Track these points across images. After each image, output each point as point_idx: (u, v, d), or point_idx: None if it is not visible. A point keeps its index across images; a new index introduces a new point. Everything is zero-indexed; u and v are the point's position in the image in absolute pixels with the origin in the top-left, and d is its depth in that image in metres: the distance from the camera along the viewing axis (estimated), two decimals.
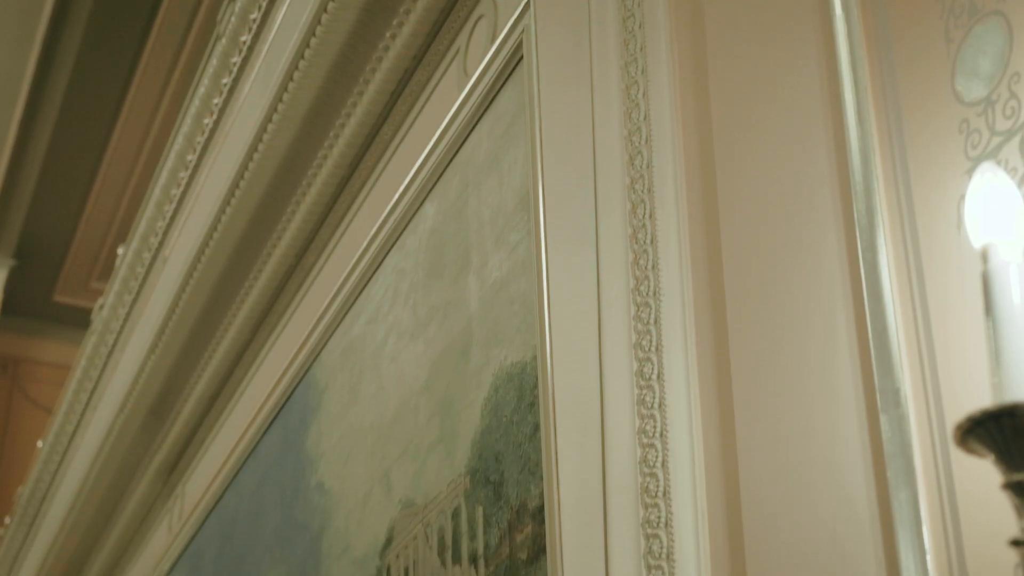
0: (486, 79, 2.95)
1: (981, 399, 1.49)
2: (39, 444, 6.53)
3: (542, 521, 2.35)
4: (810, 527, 1.92)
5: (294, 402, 3.86)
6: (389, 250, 3.36)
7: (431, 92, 3.30)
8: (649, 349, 2.22)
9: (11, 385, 10.22)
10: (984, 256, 1.47)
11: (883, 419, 1.82)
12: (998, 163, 1.69)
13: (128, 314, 5.16)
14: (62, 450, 6.08)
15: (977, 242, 1.49)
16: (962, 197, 1.74)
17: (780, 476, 2.00)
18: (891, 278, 1.86)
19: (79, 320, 7.88)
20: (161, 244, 4.80)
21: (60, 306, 10.09)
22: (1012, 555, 1.47)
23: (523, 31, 2.80)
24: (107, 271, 8.92)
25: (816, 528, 1.91)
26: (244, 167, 3.90)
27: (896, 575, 1.74)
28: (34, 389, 10.14)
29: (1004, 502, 1.45)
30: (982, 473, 1.56)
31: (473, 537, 2.62)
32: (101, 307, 5.54)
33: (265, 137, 3.77)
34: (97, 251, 9.68)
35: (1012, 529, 1.42)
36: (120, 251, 5.28)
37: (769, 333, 2.09)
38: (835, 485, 1.90)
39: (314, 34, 3.46)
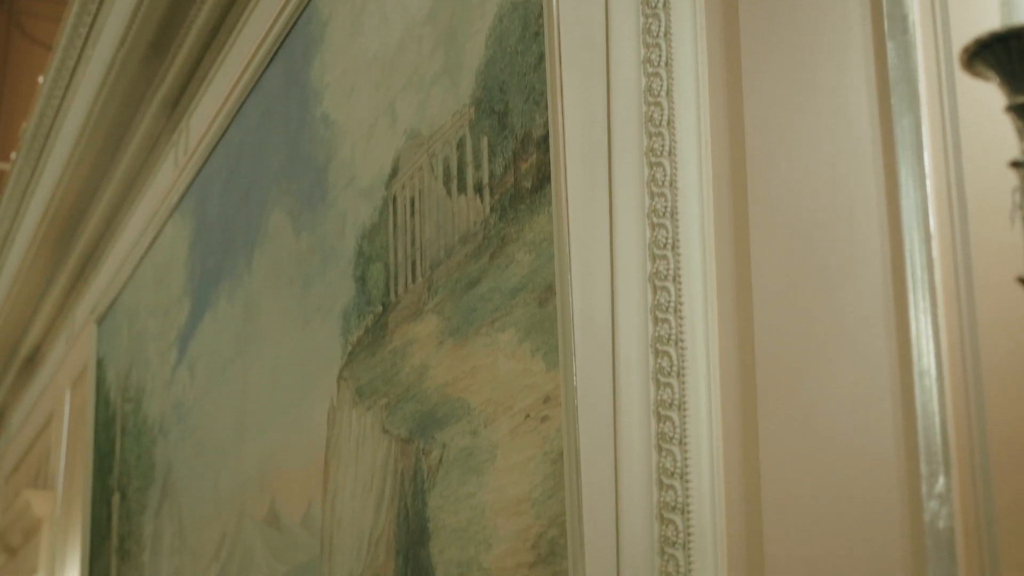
0: None
1: (989, 24, 1.48)
2: (40, 80, 6.51)
3: (547, 150, 2.37)
4: (812, 160, 1.94)
5: (296, 34, 3.83)
6: None
7: None
8: None
9: (7, 21, 10.11)
10: None
11: (890, 46, 1.81)
12: None
13: None
14: (64, 86, 6.06)
15: None
16: None
17: (784, 126, 2.01)
18: None
19: None
20: None
21: None
22: (1011, 178, 1.50)
23: None
24: None
25: (818, 159, 1.93)
26: None
27: (896, 201, 1.78)
28: (31, 24, 10.03)
29: (1006, 127, 1.46)
30: (985, 98, 1.58)
31: (478, 167, 2.65)
32: None
33: None
34: None
35: (1012, 152, 1.45)
36: None
37: None
38: (839, 119, 1.91)
39: None
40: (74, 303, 6.80)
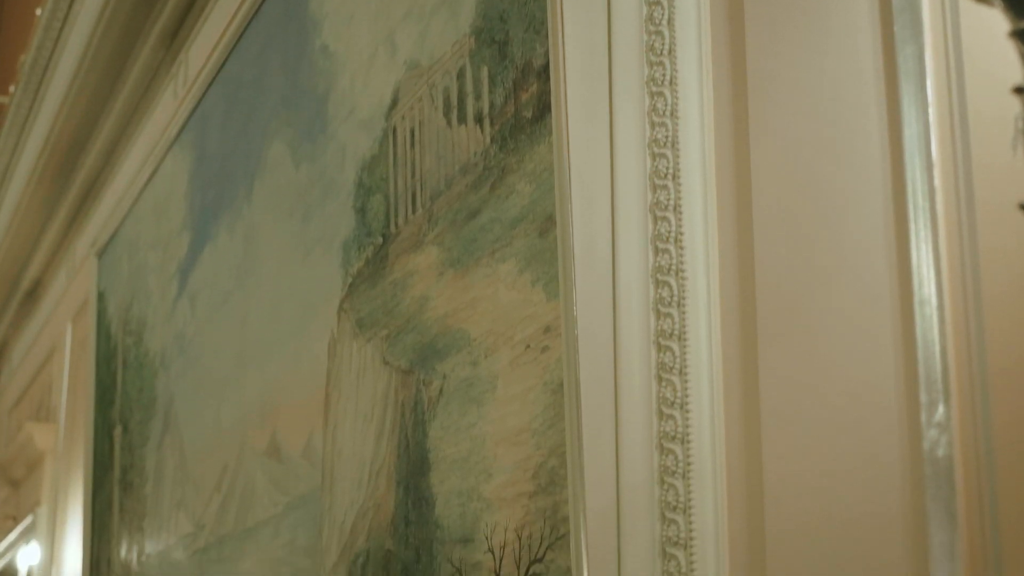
0: None
1: None
2: (38, 12, 6.47)
3: (547, 80, 2.36)
4: (814, 88, 1.93)
5: None
6: None
7: None
8: None
9: None
10: None
11: None
12: None
13: None
14: (62, 17, 6.01)
15: None
16: None
17: (786, 55, 2.00)
18: None
19: None
20: None
21: None
22: (1013, 105, 1.49)
23: None
24: None
25: (820, 87, 1.92)
26: None
27: (898, 128, 1.77)
28: None
29: (1009, 53, 1.45)
30: (988, 24, 1.56)
31: (478, 97, 2.64)
32: None
33: None
34: None
35: (1015, 78, 1.44)
36: None
37: None
38: (842, 46, 1.90)
39: None
40: (74, 236, 6.80)
